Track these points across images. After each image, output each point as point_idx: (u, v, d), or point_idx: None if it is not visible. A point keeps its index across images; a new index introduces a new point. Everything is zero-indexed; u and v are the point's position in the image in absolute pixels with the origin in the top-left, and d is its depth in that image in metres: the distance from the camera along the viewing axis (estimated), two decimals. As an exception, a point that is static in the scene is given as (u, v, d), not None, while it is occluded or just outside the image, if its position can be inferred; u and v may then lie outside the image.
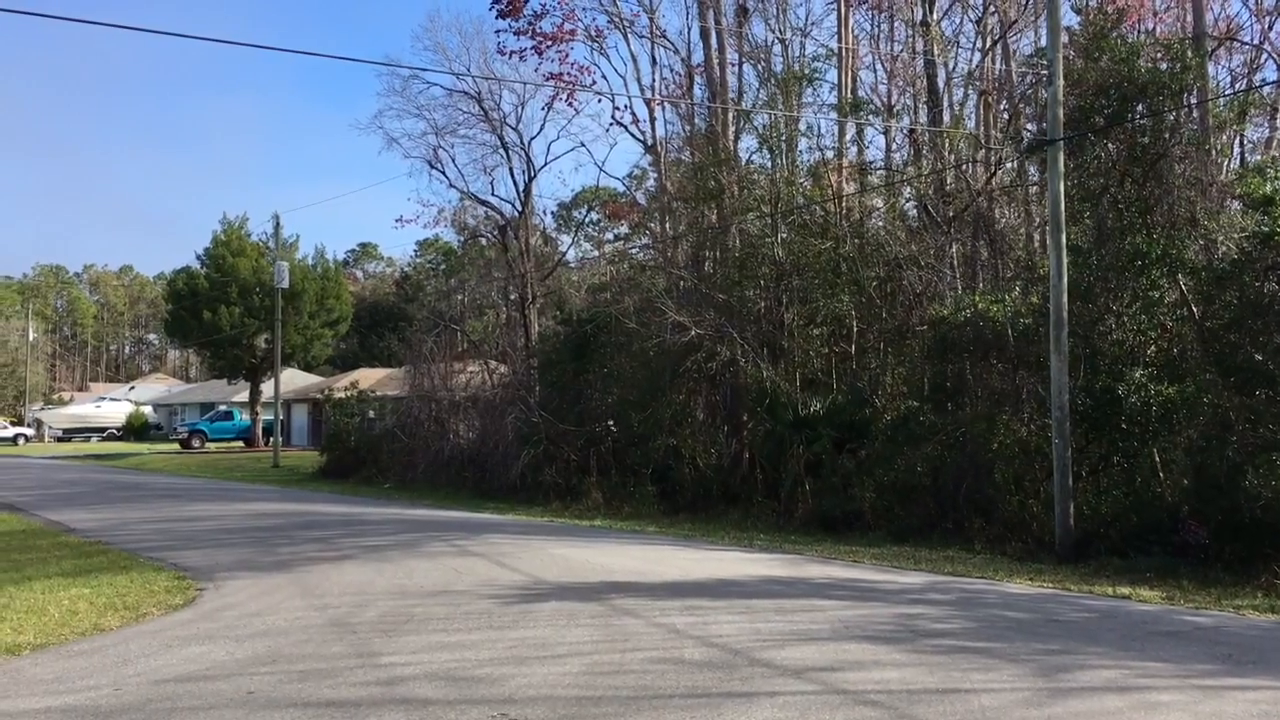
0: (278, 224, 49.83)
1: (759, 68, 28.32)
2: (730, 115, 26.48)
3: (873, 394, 20.95)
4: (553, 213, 52.46)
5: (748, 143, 27.70)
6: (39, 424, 77.98)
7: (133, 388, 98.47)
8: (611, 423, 25.00)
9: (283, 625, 9.36)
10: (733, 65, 28.26)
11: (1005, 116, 25.43)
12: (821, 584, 11.95)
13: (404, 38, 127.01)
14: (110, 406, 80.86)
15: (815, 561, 14.21)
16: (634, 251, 36.78)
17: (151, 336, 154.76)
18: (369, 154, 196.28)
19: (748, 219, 24.40)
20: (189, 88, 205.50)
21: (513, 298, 35.24)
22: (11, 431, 73.67)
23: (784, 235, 22.96)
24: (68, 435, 74.97)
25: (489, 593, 10.96)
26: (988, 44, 26.13)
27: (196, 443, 56.97)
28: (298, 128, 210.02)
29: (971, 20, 27.34)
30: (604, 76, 35.21)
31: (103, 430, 75.89)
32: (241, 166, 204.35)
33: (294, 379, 59.35)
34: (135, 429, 74.85)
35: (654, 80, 30.72)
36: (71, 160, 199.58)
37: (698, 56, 29.63)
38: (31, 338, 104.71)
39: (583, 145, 52.06)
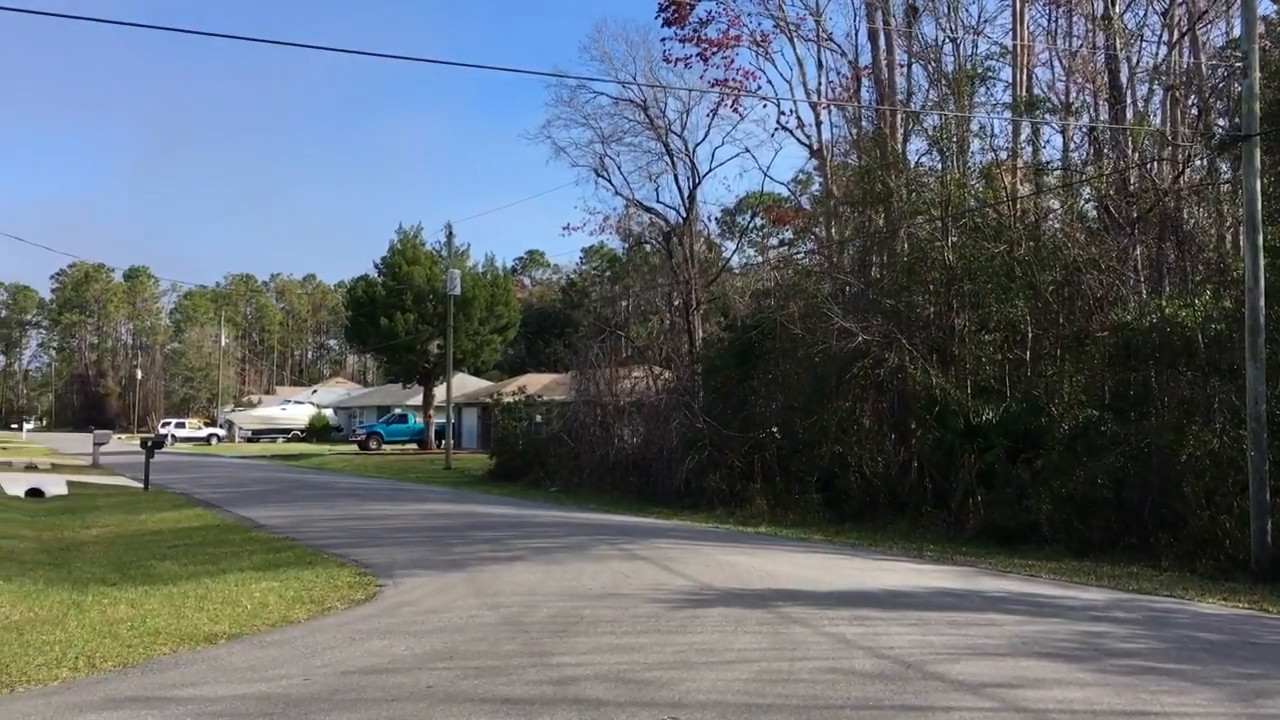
0: (450, 233, 51.46)
1: (929, 68, 27.73)
2: (899, 117, 26.01)
3: (1049, 402, 20.21)
4: (716, 218, 52.53)
5: (917, 145, 27.17)
6: (229, 425, 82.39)
7: (315, 391, 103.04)
8: (776, 429, 24.83)
9: (458, 623, 9.63)
10: (901, 66, 27.78)
11: (1194, 112, 24.18)
12: (996, 598, 11.58)
13: (571, 48, 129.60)
14: (294, 409, 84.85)
15: (989, 574, 13.79)
16: (799, 257, 36.46)
17: (332, 342, 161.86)
18: (537, 163, 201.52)
19: (917, 222, 23.90)
20: (368, 104, 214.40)
21: (677, 303, 35.44)
22: (205, 432, 78.18)
23: (955, 239, 22.40)
24: (255, 436, 78.98)
25: (656, 597, 11.02)
26: (1174, 36, 24.88)
27: (373, 444, 59.24)
28: (470, 139, 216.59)
29: (1157, 12, 26.09)
30: (769, 81, 35.03)
31: (287, 431, 79.68)
32: (417, 178, 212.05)
33: (464, 383, 61.08)
34: (317, 431, 78.35)
35: (820, 84, 30.46)
36: (260, 175, 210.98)
37: (865, 58, 29.26)
38: (223, 343, 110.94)
39: (747, 151, 51.82)
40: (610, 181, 36.12)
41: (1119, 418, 18.15)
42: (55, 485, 28.28)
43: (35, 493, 26.62)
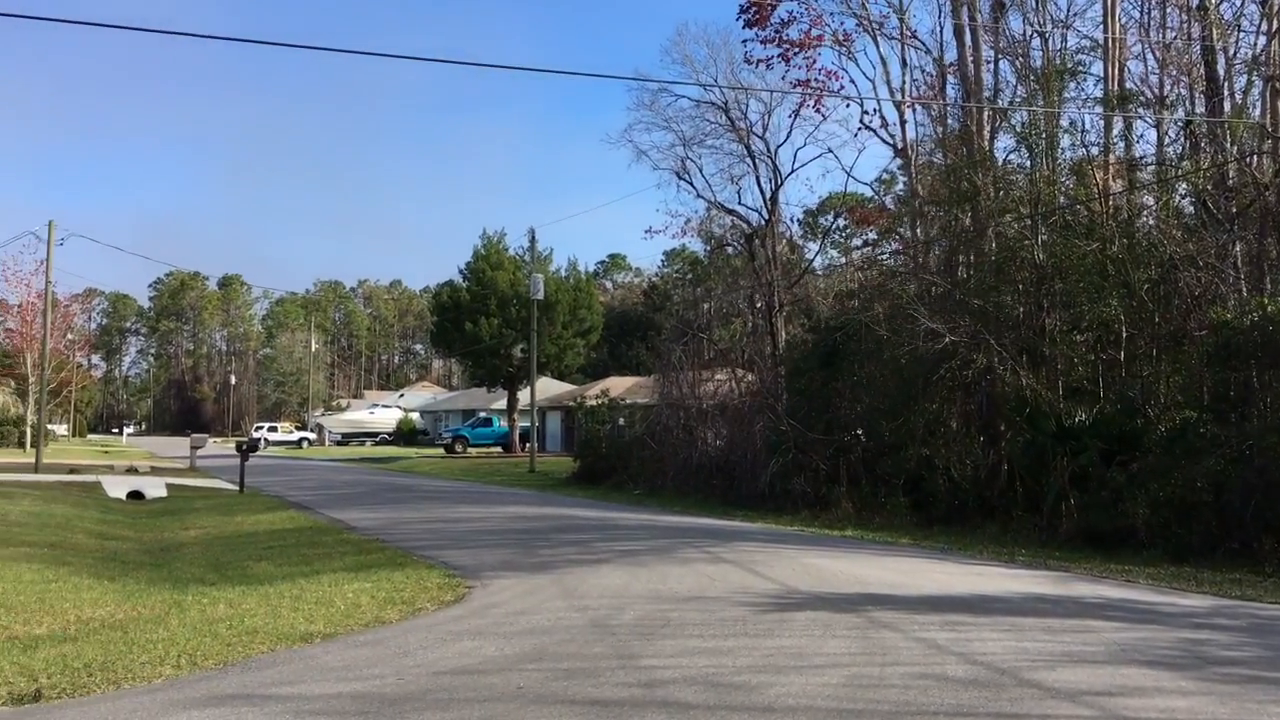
0: (533, 238, 51.96)
1: (1016, 63, 27.21)
2: (985, 114, 25.56)
3: (1145, 403, 19.69)
4: (799, 220, 52.19)
5: (1004, 142, 26.68)
6: (320, 429, 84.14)
7: (402, 395, 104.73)
8: (861, 431, 24.58)
9: (546, 624, 9.69)
10: (988, 62, 27.30)
11: (1296, 103, 23.34)
12: (1092, 603, 11.31)
13: (653, 52, 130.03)
14: (382, 413, 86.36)
15: (1084, 579, 13.48)
16: (883, 257, 36.04)
17: (418, 346, 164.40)
18: (619, 167, 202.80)
19: (1005, 221, 23.46)
20: (453, 112, 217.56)
21: (759, 306, 35.30)
22: (296, 435, 79.96)
23: (1045, 237, 21.94)
24: (345, 439, 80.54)
25: (743, 600, 10.98)
26: (1275, 26, 24.07)
27: (459, 448, 60.02)
28: (553, 145, 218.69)
29: (1255, 1, 25.27)
30: (852, 81, 34.75)
31: (375, 435, 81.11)
32: (501, 184, 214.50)
33: (548, 387, 61.55)
34: (404, 434, 79.67)
35: (904, 82, 30.05)
36: (348, 183, 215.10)
37: (950, 55, 28.82)
38: (313, 348, 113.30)
39: (830, 151, 51.13)
40: (692, 184, 36.16)
41: (1219, 419, 17.61)
42: (155, 488, 29.13)
43: (136, 495, 27.45)
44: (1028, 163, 24.37)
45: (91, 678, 7.76)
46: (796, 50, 30.42)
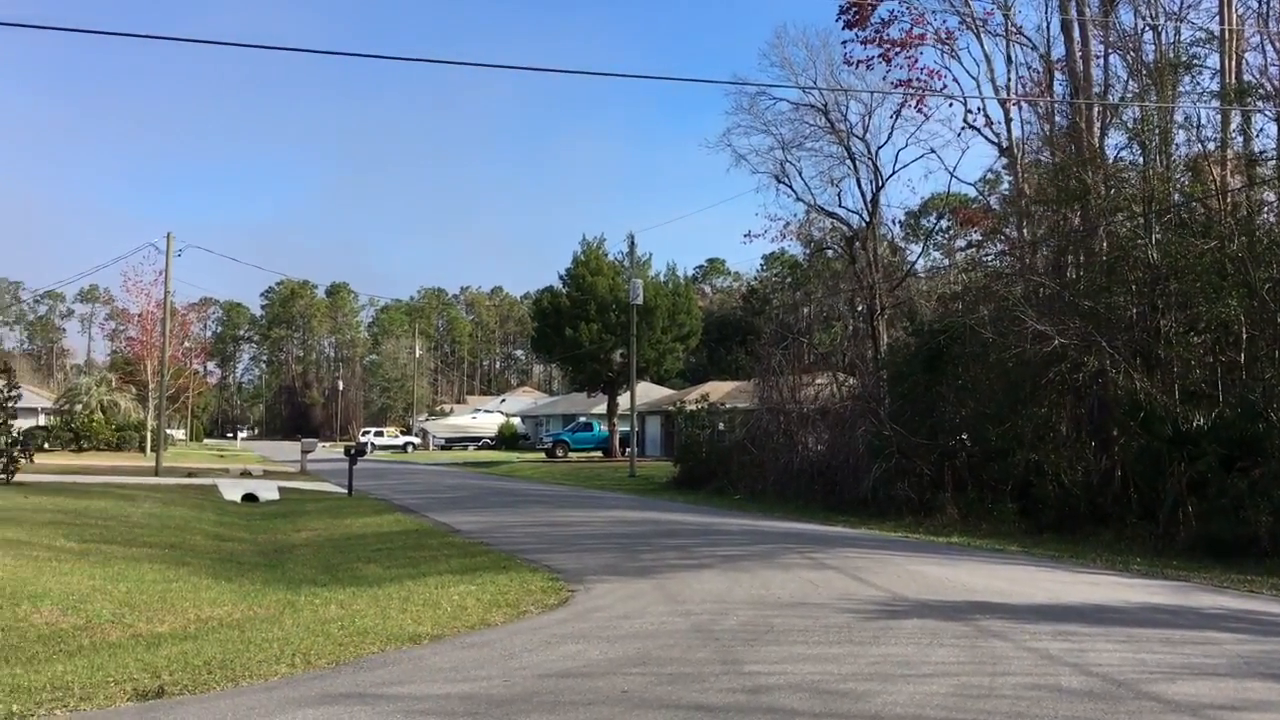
0: (632, 243, 52.30)
1: (1127, 58, 26.44)
2: (1095, 111, 24.89)
3: (1267, 407, 18.92)
4: (900, 222, 51.53)
5: (1115, 139, 25.92)
6: (424, 433, 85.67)
7: (503, 400, 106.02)
8: (966, 436, 24.13)
9: (650, 629, 9.71)
10: (1097, 58, 26.56)
11: None
12: (1213, 614, 10.91)
13: (751, 55, 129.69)
14: (484, 418, 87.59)
15: (1204, 590, 13.01)
16: (988, 258, 35.34)
17: (519, 352, 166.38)
18: (717, 172, 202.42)
19: (1116, 220, 22.82)
20: (552, 119, 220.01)
21: (860, 309, 34.95)
22: (401, 440, 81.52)
23: (1158, 236, 21.28)
24: (448, 444, 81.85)
25: (847, 607, 10.85)
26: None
27: (559, 452, 60.54)
28: (651, 150, 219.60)
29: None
30: (955, 80, 34.18)
31: (478, 439, 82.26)
32: (600, 190, 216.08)
33: (647, 392, 61.72)
34: (505, 438, 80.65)
35: (1009, 80, 29.46)
36: (450, 192, 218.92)
37: (1058, 51, 28.14)
38: (417, 354, 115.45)
39: (932, 152, 50.21)
40: (791, 187, 35.94)
41: (1348, 423, 16.87)
42: (268, 491, 30.00)
43: (250, 498, 28.31)
44: (1140, 160, 23.68)
45: (211, 675, 8.01)
46: (898, 50, 30.04)
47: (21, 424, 33.36)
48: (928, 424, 24.79)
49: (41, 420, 64.74)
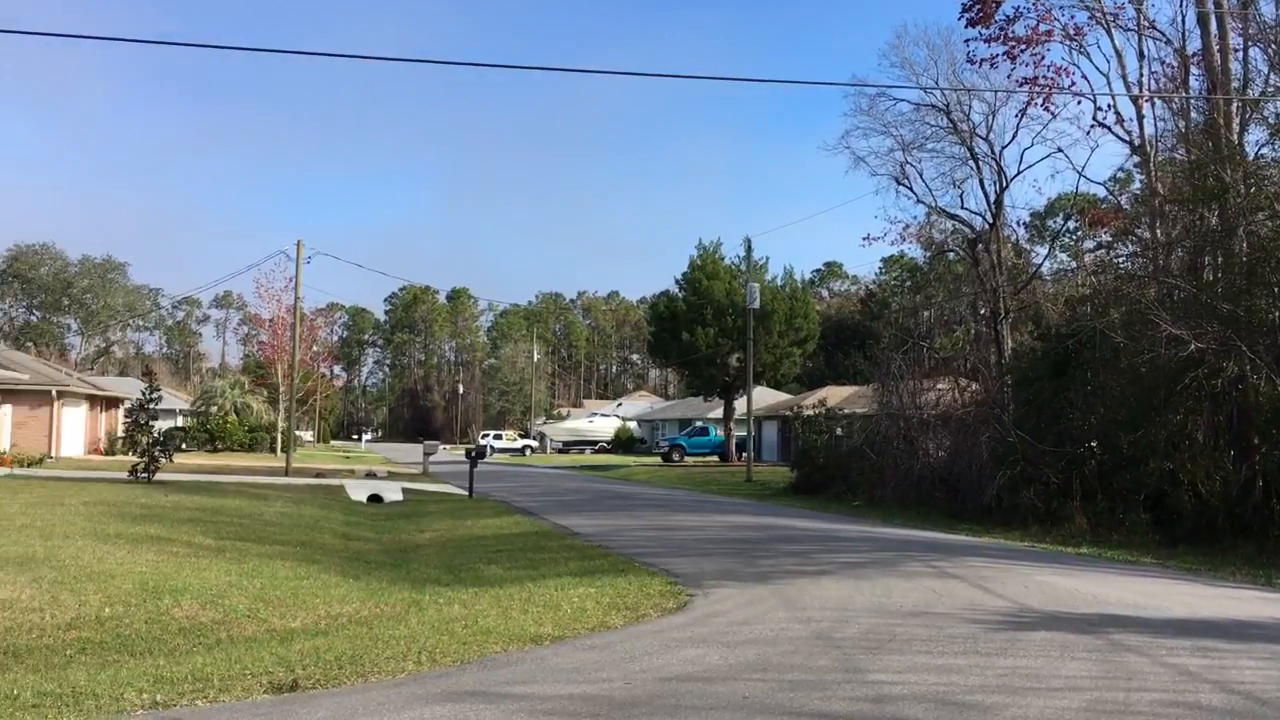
0: (749, 247, 52.04)
1: (1268, 50, 25.28)
2: (1234, 106, 23.89)
3: None
4: (1025, 223, 50.24)
5: (1256, 135, 24.84)
6: (542, 437, 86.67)
7: (620, 404, 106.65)
8: (1095, 444, 23.39)
9: (769, 635, 9.65)
10: (1236, 51, 25.47)
11: None
12: (1366, 634, 10.36)
13: (870, 56, 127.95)
14: (601, 421, 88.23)
15: (1355, 607, 12.36)
16: (1119, 260, 34.19)
17: (635, 356, 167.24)
18: (835, 174, 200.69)
19: (1258, 219, 21.86)
20: (668, 123, 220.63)
21: (983, 313, 34.16)
22: (520, 443, 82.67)
23: (1304, 235, 20.31)
24: (565, 447, 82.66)
25: (972, 617, 10.62)
26: None
27: (676, 456, 60.62)
28: (767, 153, 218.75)
29: None
30: (1084, 76, 32.97)
31: (594, 443, 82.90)
32: (716, 194, 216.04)
33: (764, 396, 61.40)
34: (622, 442, 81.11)
35: (1141, 75, 28.44)
36: (567, 198, 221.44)
37: (1193, 44, 27.04)
38: (535, 359, 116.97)
39: (1059, 151, 48.70)
40: (911, 189, 35.34)
41: None
42: (392, 492, 30.74)
43: (375, 498, 29.06)
44: (1283, 156, 22.65)
45: (342, 670, 8.24)
46: (1023, 47, 29.28)
47: (161, 425, 34.82)
48: (1055, 430, 24.11)
49: (179, 421, 67.52)
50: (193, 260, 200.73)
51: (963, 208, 34.99)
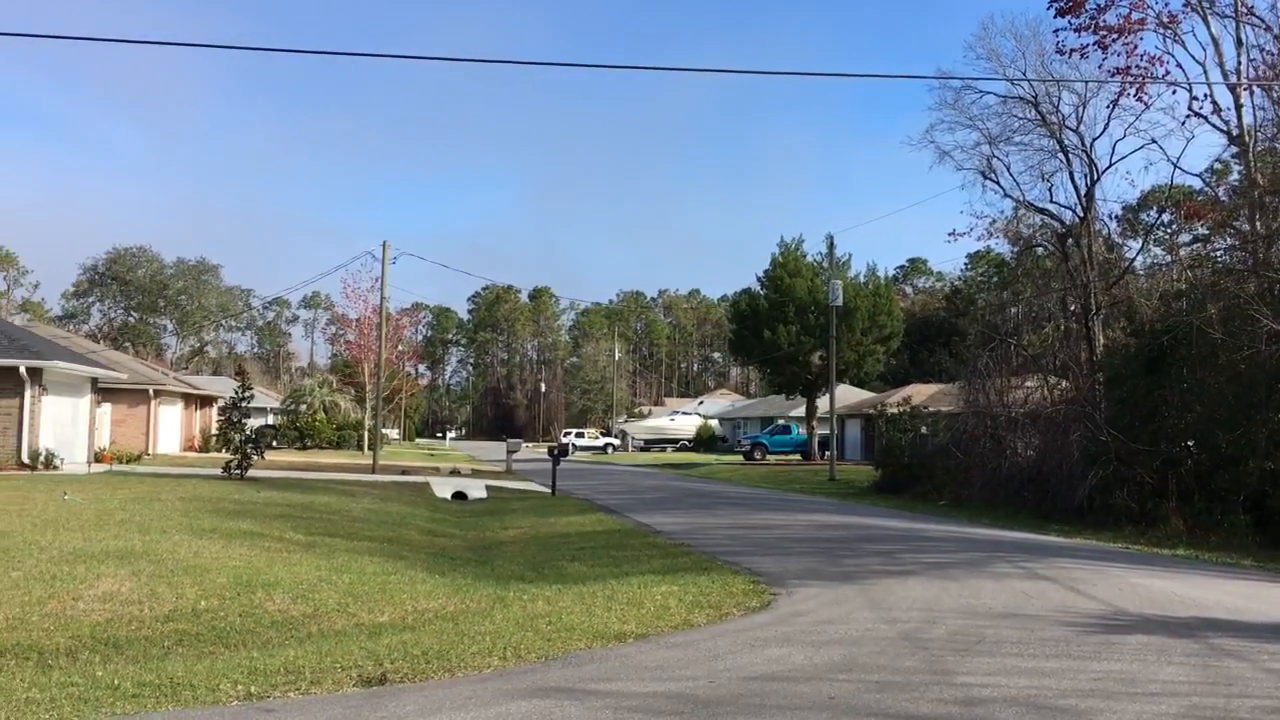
0: (831, 244, 51.54)
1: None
2: (1339, 92, 23.00)
3: None
4: (1117, 217, 48.83)
5: (1362, 122, 23.90)
6: (623, 435, 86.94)
7: (701, 402, 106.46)
8: (1192, 443, 22.72)
9: (854, 635, 9.55)
10: (1340, 34, 24.56)
11: None
12: None
13: (955, 49, 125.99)
14: (682, 420, 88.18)
15: None
16: (1216, 254, 33.19)
17: (716, 354, 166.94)
18: (919, 169, 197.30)
19: (1364, 210, 21.03)
20: (748, 120, 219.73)
21: (1073, 309, 33.41)
22: (601, 441, 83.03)
23: None
24: (647, 445, 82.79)
25: (1064, 619, 10.39)
26: None
27: (757, 455, 60.37)
28: (850, 149, 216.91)
29: None
30: (1178, 65, 32.05)
31: (675, 441, 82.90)
32: (798, 190, 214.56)
33: (847, 395, 60.82)
34: (703, 441, 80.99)
35: (1239, 64, 27.55)
36: (647, 196, 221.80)
37: (1294, 29, 26.14)
38: (616, 357, 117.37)
39: (1153, 142, 47.26)
40: (999, 183, 34.67)
41: None
42: (476, 489, 31.08)
43: (460, 496, 29.40)
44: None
45: (429, 665, 8.35)
46: (1114, 36, 28.52)
47: (253, 423, 35.63)
48: (1149, 429, 23.48)
49: (270, 419, 69.14)
50: (283, 262, 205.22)
51: (1052, 201, 34.25)
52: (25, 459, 29.38)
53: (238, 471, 29.59)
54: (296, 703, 7.26)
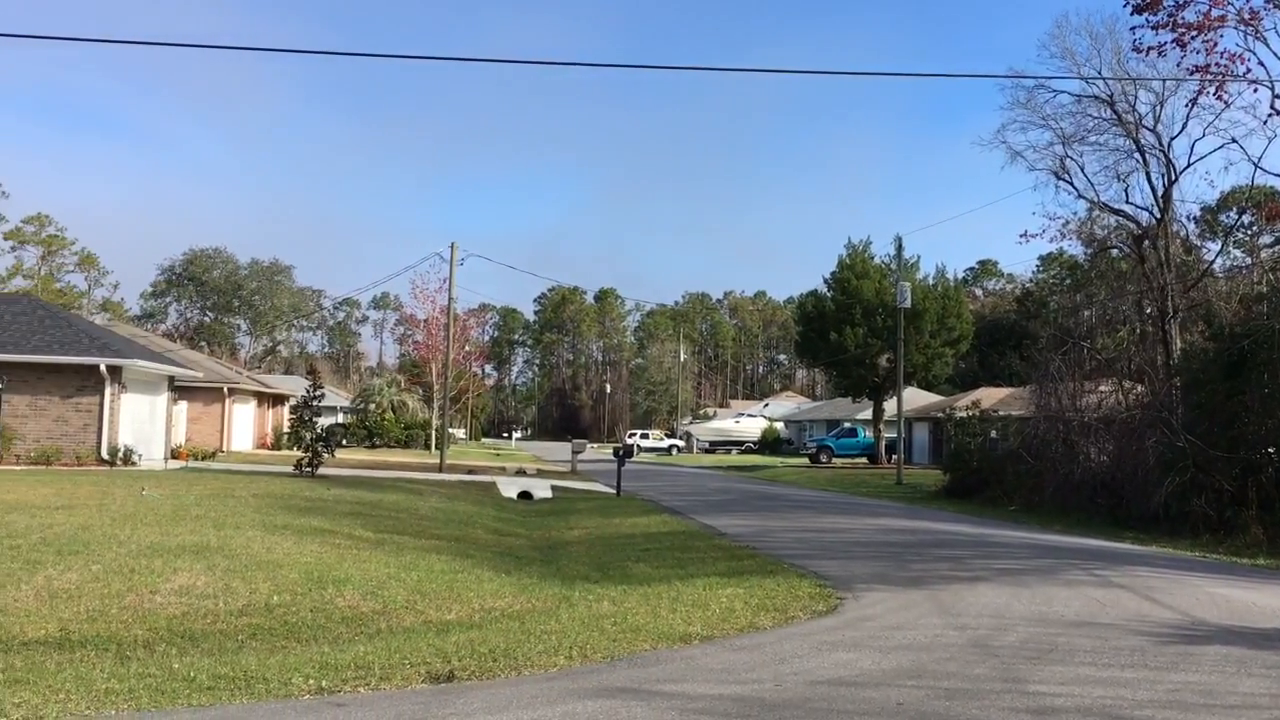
0: (899, 245, 50.93)
1: None
2: None
3: None
4: (1195, 218, 47.70)
5: None
6: (688, 436, 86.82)
7: (766, 404, 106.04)
8: (1273, 450, 22.12)
9: (923, 641, 9.43)
10: None
11: None
12: None
13: (1028, 47, 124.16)
14: (747, 422, 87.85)
15: None
16: (1299, 256, 32.27)
17: (781, 356, 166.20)
18: (990, 170, 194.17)
19: None
20: (814, 121, 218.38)
21: (1149, 312, 32.70)
22: (666, 443, 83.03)
23: None
24: (712, 447, 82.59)
25: (1139, 629, 10.17)
26: None
27: (823, 458, 59.93)
28: (918, 150, 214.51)
29: None
30: (1260, 63, 31.11)
31: (740, 443, 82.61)
32: (865, 192, 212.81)
33: (914, 398, 60.17)
34: (768, 443, 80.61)
35: (1324, 59, 26.76)
36: (712, 198, 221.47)
37: (1383, 24, 25.32)
38: (681, 359, 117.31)
39: (1234, 142, 46.20)
40: (1072, 184, 34.09)
41: None
42: (542, 489, 31.24)
43: (525, 495, 29.58)
44: None
45: (496, 663, 8.41)
46: (1194, 34, 27.77)
47: (323, 421, 36.19)
48: (1228, 435, 22.90)
49: (340, 418, 70.13)
50: (353, 263, 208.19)
51: (1127, 202, 33.60)
52: (105, 455, 30.14)
53: (309, 469, 30.05)
54: (366, 698, 7.35)
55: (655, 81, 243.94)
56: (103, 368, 30.36)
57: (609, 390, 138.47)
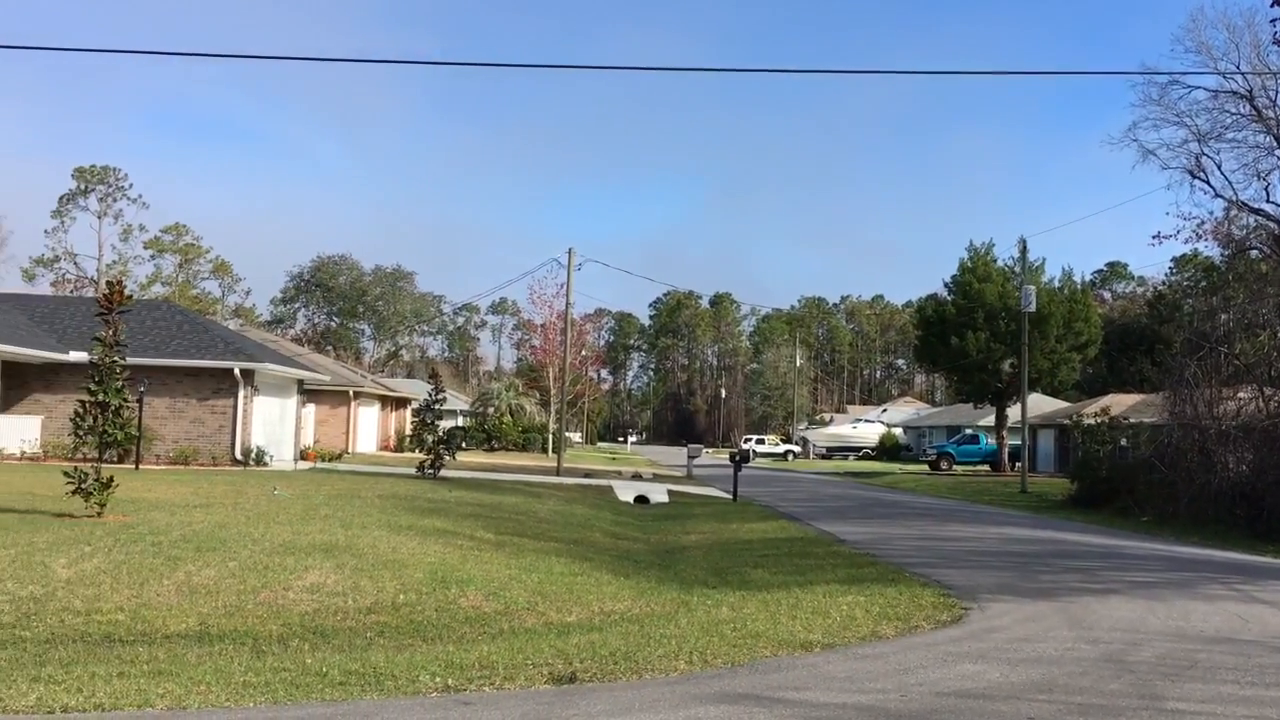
0: (1024, 248, 49.68)
1: None
2: None
3: None
4: (1341, 216, 45.41)
5: None
6: (804, 442, 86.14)
7: (884, 410, 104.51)
8: None
9: (1052, 654, 9.16)
10: None
11: None
12: None
13: (1161, 43, 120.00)
14: (865, 427, 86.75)
15: None
16: None
17: (899, 361, 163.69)
18: (1120, 170, 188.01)
19: None
20: (932, 122, 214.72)
21: (1293, 315, 31.26)
22: (782, 448, 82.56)
23: None
24: (828, 453, 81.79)
25: (1285, 647, 9.71)
26: None
27: (944, 465, 58.82)
28: (1043, 149, 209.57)
29: None
30: None
31: (858, 449, 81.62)
32: (986, 193, 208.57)
33: (1039, 404, 58.60)
34: (887, 449, 79.46)
35: None
36: (831, 201, 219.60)
37: None
38: (798, 364, 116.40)
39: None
40: (1208, 182, 32.94)
41: None
42: (658, 494, 31.34)
43: (642, 500, 29.72)
44: None
45: (616, 665, 8.45)
46: (1343, 22, 26.55)
47: (445, 424, 36.92)
48: (1379, 445, 21.73)
49: (460, 421, 71.44)
50: (472, 269, 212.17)
51: (1268, 201, 32.30)
52: (238, 455, 31.26)
53: (431, 471, 30.69)
54: (491, 697, 7.47)
55: (773, 83, 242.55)
56: (237, 371, 31.49)
57: (724, 395, 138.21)
